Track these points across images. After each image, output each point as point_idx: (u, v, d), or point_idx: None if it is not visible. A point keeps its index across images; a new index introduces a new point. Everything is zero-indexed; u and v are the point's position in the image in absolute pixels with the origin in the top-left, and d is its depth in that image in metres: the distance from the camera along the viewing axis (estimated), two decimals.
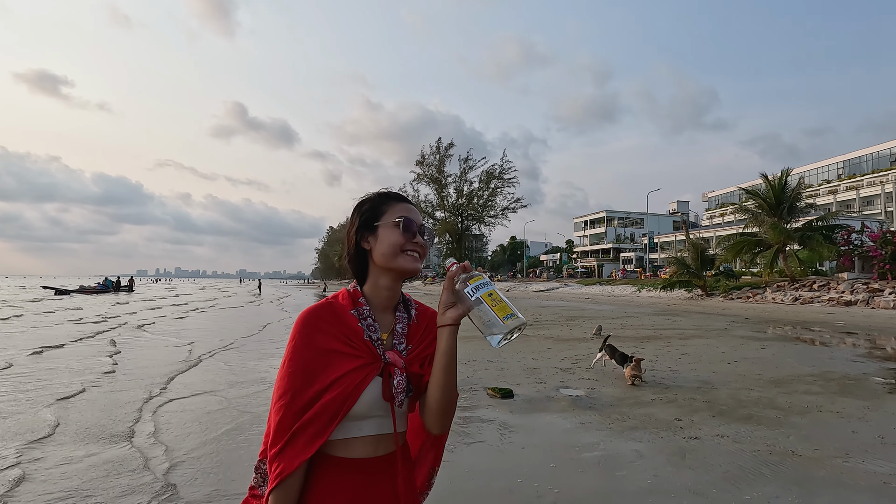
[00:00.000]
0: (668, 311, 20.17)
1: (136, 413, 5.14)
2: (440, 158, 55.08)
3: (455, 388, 1.05)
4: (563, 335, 11.73)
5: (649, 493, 3.20)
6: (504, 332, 0.99)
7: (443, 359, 1.02)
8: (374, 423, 1.05)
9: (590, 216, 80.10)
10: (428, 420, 1.07)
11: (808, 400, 5.53)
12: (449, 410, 1.05)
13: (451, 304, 1.03)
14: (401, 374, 1.06)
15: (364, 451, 1.05)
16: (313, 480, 1.03)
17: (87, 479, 3.47)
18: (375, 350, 1.06)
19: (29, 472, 3.59)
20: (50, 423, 4.75)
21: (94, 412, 5.16)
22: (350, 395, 1.00)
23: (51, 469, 3.65)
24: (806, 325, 14.25)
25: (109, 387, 6.32)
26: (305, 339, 1.02)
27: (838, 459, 3.75)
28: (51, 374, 7.08)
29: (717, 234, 48.26)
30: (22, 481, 3.44)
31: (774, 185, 25.33)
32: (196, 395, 5.95)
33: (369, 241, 1.11)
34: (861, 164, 53.19)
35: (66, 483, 3.42)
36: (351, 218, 1.15)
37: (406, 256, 1.09)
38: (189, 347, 9.86)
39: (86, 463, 3.78)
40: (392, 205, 1.13)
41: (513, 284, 52.47)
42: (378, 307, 1.12)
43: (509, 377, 6.74)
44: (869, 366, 7.75)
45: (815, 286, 22.45)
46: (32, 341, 10.38)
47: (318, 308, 1.06)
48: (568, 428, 4.59)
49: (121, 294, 36.87)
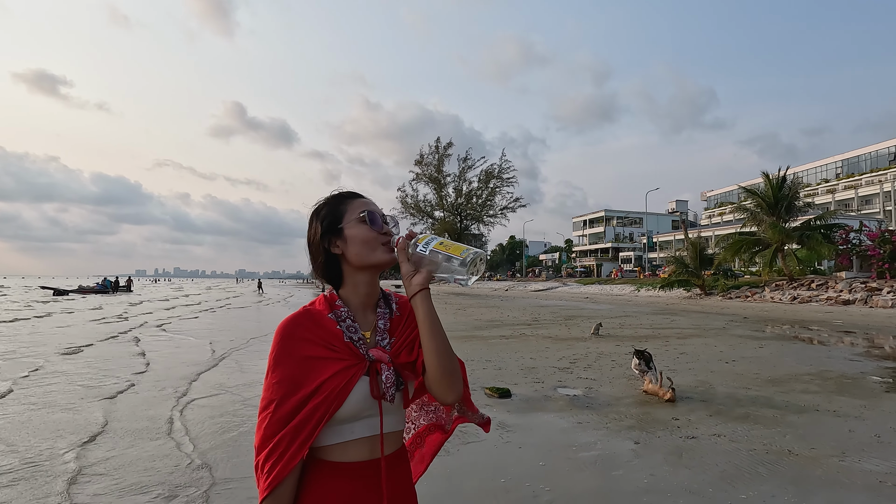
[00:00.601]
0: (667, 311, 20.19)
1: (172, 409, 5.31)
2: (439, 158, 55.07)
3: (450, 352, 1.04)
4: (561, 334, 11.73)
5: (646, 493, 3.20)
6: (468, 265, 1.01)
7: (426, 324, 1.03)
8: (367, 424, 1.04)
9: (589, 215, 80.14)
10: (437, 391, 1.05)
11: (805, 399, 5.54)
12: (453, 373, 1.04)
13: (413, 271, 1.05)
14: (388, 369, 1.05)
15: (359, 454, 1.03)
16: (307, 486, 1.02)
17: (143, 469, 3.66)
18: (358, 350, 1.05)
19: (89, 464, 3.81)
20: (99, 421, 4.89)
21: (138, 408, 5.39)
22: (336, 397, 0.99)
23: (108, 461, 3.85)
24: (804, 325, 14.27)
25: (147, 384, 6.54)
26: (286, 348, 1.02)
27: (835, 458, 3.76)
28: (92, 371, 7.31)
29: (715, 233, 48.30)
30: (80, 474, 3.60)
31: (773, 184, 25.37)
32: (219, 393, 6.05)
33: (338, 245, 1.09)
34: (860, 164, 53.29)
35: (125, 473, 3.60)
36: (310, 227, 1.12)
37: (382, 248, 1.09)
38: (209, 347, 9.95)
39: (137, 455, 3.96)
40: (349, 203, 1.12)
41: (511, 284, 52.48)
42: (358, 307, 1.11)
43: (507, 377, 6.74)
44: (866, 365, 7.77)
45: (814, 285, 22.49)
46: (70, 339, 10.93)
47: (295, 316, 1.05)
48: (565, 427, 4.59)
49: (119, 294, 36.82)
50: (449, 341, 1.06)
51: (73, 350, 9.31)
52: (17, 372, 7.17)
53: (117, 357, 8.65)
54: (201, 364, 7.96)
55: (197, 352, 9.32)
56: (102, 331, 12.63)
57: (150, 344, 10.31)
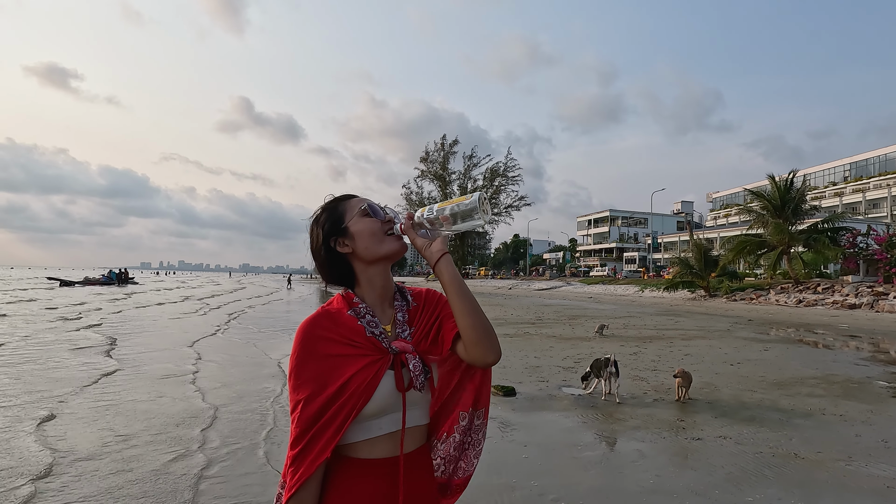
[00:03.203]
0: (671, 312, 20.13)
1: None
2: (444, 155, 55.02)
3: (480, 311, 1.04)
4: (565, 334, 11.72)
5: (652, 493, 3.20)
6: (478, 204, 1.02)
7: (454, 286, 1.03)
8: (393, 419, 1.04)
9: (593, 215, 79.91)
10: (477, 353, 1.03)
11: (811, 402, 5.52)
12: (487, 332, 1.03)
13: (428, 242, 1.06)
14: (415, 358, 1.05)
15: (386, 451, 1.04)
16: (335, 484, 1.02)
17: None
18: (381, 344, 1.05)
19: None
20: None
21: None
22: (363, 393, 0.99)
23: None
24: (809, 328, 14.20)
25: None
26: (308, 348, 1.01)
27: (841, 462, 3.75)
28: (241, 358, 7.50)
29: (721, 234, 48.07)
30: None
31: (780, 187, 25.21)
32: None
33: (346, 244, 1.09)
34: (868, 167, 52.85)
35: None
36: (312, 236, 1.12)
37: (390, 238, 1.09)
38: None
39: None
40: (347, 202, 1.12)
41: (515, 282, 52.40)
42: (375, 302, 1.11)
43: (511, 375, 6.74)
44: (873, 369, 7.72)
45: (819, 289, 22.36)
46: (191, 330, 11.20)
47: (315, 317, 1.05)
48: (570, 426, 4.59)
49: (128, 286, 36.90)
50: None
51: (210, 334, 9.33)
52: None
53: (240, 346, 8.68)
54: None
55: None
56: (213, 323, 12.70)
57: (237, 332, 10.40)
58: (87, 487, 3.26)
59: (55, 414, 4.84)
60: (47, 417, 4.73)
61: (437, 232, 1.08)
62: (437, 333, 1.11)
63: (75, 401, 5.31)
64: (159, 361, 7.65)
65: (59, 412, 4.90)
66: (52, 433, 4.30)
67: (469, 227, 1.06)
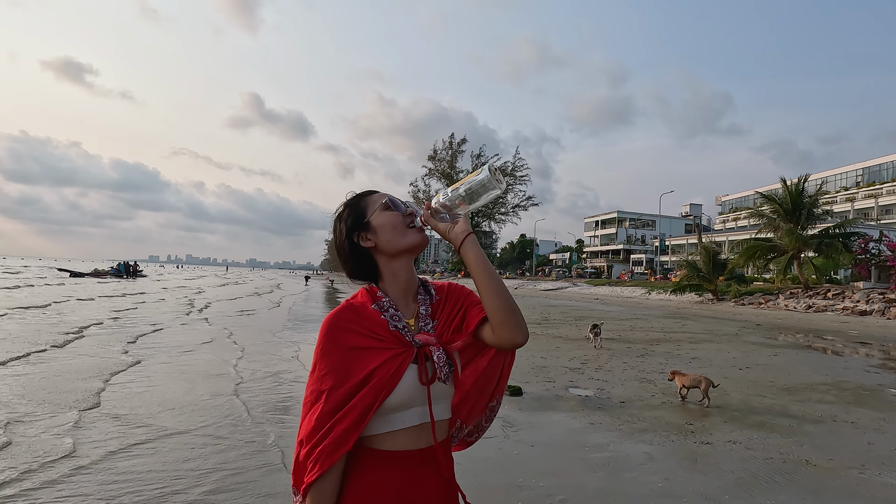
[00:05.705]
0: (678, 315, 19.98)
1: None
2: (452, 154, 54.88)
3: (507, 291, 1.04)
4: (571, 335, 11.66)
5: (660, 497, 3.16)
6: (488, 177, 1.02)
7: (479, 266, 1.03)
8: (416, 412, 1.04)
9: (601, 216, 79.54)
10: (505, 333, 1.02)
11: (821, 409, 5.44)
12: (515, 311, 1.02)
13: (450, 225, 1.06)
14: (438, 350, 1.05)
15: (408, 444, 1.04)
16: (356, 473, 1.03)
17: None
18: (404, 338, 1.05)
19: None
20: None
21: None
22: (385, 385, 0.99)
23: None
24: (819, 334, 14.04)
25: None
26: (332, 340, 1.02)
27: (854, 470, 3.68)
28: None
29: (730, 238, 47.68)
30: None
31: (791, 191, 24.97)
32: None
33: (369, 238, 1.09)
34: (881, 172, 52.22)
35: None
36: (336, 232, 1.13)
37: (412, 230, 1.09)
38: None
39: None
40: (368, 198, 1.13)
41: (521, 282, 52.28)
42: (399, 296, 1.11)
43: (518, 375, 6.70)
44: (885, 377, 7.61)
45: (830, 294, 22.12)
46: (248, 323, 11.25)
47: (339, 311, 1.06)
48: (577, 428, 4.56)
49: (139, 280, 36.96)
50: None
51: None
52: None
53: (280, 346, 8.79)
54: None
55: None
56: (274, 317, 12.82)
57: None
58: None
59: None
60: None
61: (455, 215, 1.07)
62: (460, 323, 1.10)
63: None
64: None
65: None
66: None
67: (487, 202, 1.05)
